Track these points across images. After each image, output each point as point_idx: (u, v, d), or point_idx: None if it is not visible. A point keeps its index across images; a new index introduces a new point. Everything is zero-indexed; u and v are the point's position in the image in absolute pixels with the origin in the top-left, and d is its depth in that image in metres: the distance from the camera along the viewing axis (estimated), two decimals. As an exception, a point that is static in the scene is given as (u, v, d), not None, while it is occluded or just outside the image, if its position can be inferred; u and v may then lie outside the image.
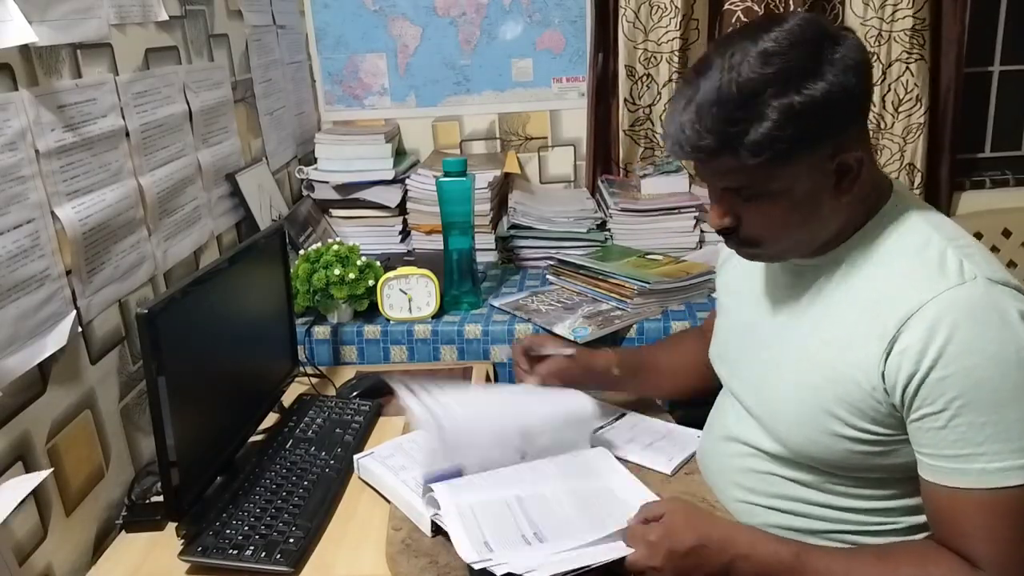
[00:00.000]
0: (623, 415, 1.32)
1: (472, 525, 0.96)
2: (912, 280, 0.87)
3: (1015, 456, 0.81)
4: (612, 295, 1.66)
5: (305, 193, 2.06)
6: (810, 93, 0.82)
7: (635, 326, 1.58)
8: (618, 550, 0.92)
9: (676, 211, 1.96)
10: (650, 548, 0.90)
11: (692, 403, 1.29)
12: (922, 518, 0.95)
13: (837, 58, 0.83)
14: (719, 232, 0.97)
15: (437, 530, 1.03)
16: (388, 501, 1.14)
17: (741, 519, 1.05)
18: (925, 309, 0.84)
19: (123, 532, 1.13)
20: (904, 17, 2.03)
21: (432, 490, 1.02)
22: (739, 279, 1.12)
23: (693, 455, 1.21)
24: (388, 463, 1.16)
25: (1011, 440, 0.81)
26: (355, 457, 1.20)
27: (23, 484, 0.89)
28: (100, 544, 1.12)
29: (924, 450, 0.87)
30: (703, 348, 1.22)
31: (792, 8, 2.07)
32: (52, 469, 1.00)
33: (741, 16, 2.12)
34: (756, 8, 2.10)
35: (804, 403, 0.95)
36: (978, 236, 2.18)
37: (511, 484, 1.05)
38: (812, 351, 0.95)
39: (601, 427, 1.26)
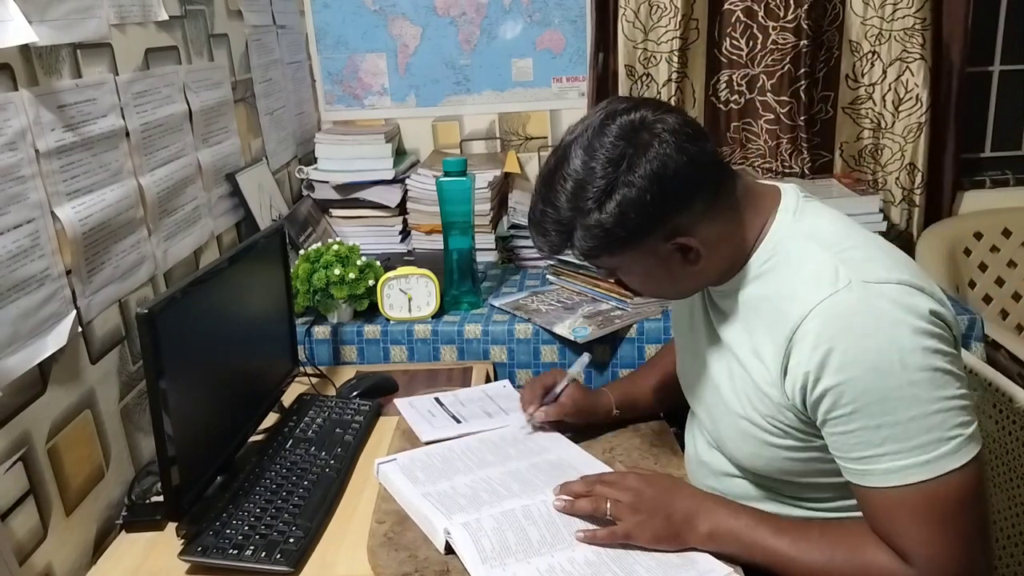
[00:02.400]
0: None
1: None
2: (794, 294, 0.90)
3: (915, 453, 0.83)
4: (612, 295, 1.66)
5: (305, 193, 2.06)
6: (607, 213, 0.89)
7: (635, 326, 1.58)
8: None
9: (676, 211, 1.95)
10: (615, 483, 1.01)
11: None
12: None
13: (629, 179, 0.88)
14: None
15: (450, 549, 1.01)
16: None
17: None
18: (806, 322, 0.87)
19: (123, 532, 1.13)
20: (904, 16, 2.03)
21: (450, 534, 1.00)
22: (681, 304, 1.16)
23: None
24: (408, 473, 1.15)
25: (908, 439, 0.83)
26: (376, 461, 1.19)
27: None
28: (100, 544, 1.12)
29: (836, 454, 0.90)
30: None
31: (793, 9, 2.07)
32: (27, 447, 1.00)
33: (741, 16, 2.12)
34: (756, 7, 2.10)
35: (741, 422, 0.98)
36: (978, 236, 2.19)
37: (550, 546, 1.00)
38: (734, 371, 0.99)
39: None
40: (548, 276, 1.83)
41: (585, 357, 1.31)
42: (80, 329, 1.08)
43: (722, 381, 1.02)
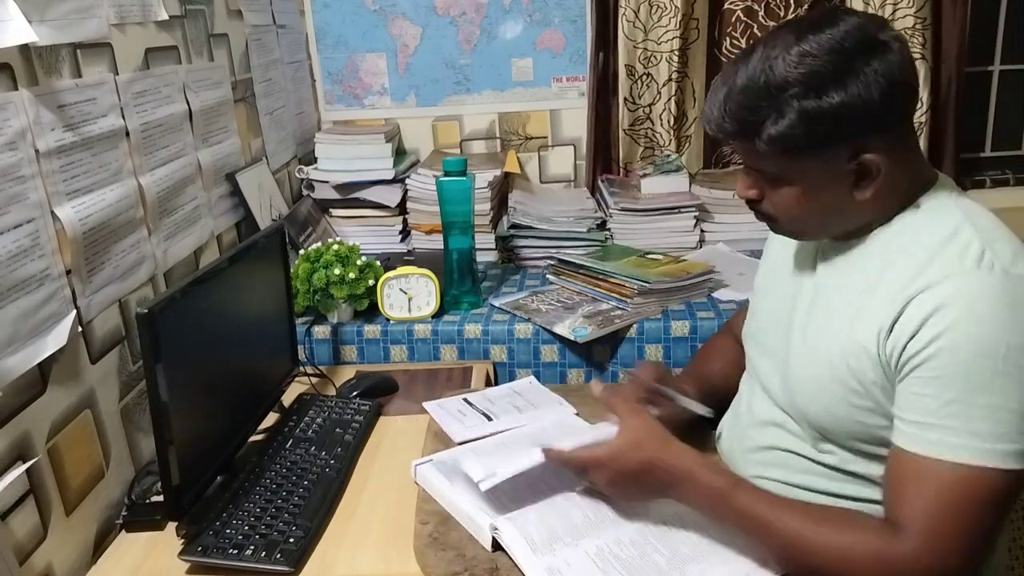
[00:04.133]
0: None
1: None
2: (931, 262, 0.89)
3: (970, 438, 0.83)
4: (612, 295, 1.66)
5: (305, 193, 2.06)
6: (829, 100, 0.85)
7: (635, 326, 1.58)
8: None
9: (676, 211, 1.96)
10: (598, 465, 0.98)
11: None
12: None
13: (867, 71, 0.85)
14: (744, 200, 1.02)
15: (496, 546, 1.01)
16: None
17: None
18: (937, 287, 0.86)
19: (123, 532, 1.13)
20: (904, 16, 2.03)
21: (497, 529, 1.00)
22: (779, 262, 1.14)
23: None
24: (446, 473, 1.14)
25: (971, 422, 0.83)
26: (413, 463, 1.18)
27: (10, 474, 0.90)
28: (100, 544, 1.12)
29: (896, 411, 0.89)
30: (739, 350, 1.22)
31: (793, 8, 2.07)
32: (39, 457, 1.00)
33: (741, 16, 2.12)
34: (756, 7, 2.10)
35: (823, 375, 0.97)
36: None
37: (596, 527, 1.02)
38: (836, 326, 0.97)
39: None
40: (548, 276, 1.83)
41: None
42: (80, 329, 1.08)
43: (813, 331, 1.00)
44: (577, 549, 0.97)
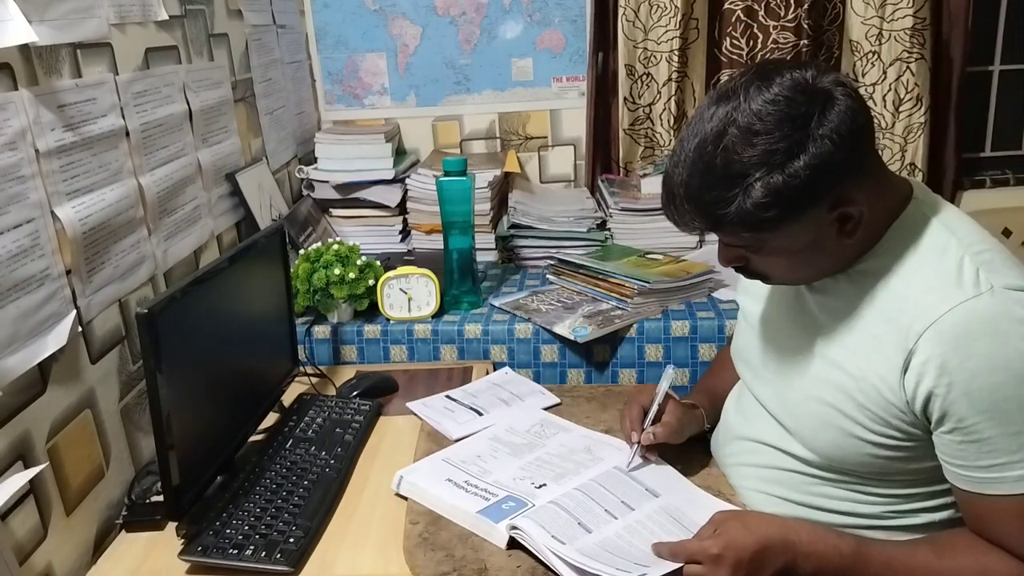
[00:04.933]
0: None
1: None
2: (929, 291, 0.87)
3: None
4: (612, 294, 1.66)
5: (305, 193, 2.06)
6: (794, 171, 0.82)
7: (635, 326, 1.58)
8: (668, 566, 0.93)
9: (676, 211, 1.95)
10: (715, 562, 0.89)
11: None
12: (938, 515, 0.97)
13: (822, 132, 0.82)
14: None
15: (511, 544, 1.01)
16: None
17: (757, 508, 1.06)
18: (941, 321, 0.84)
19: (123, 532, 1.13)
20: (904, 16, 2.03)
21: (519, 528, 1.00)
22: (760, 283, 1.11)
23: None
24: (438, 478, 1.14)
25: (1020, 451, 0.82)
26: (398, 473, 1.16)
27: (19, 478, 0.89)
28: (100, 544, 1.12)
29: (955, 461, 0.87)
30: None
31: (793, 8, 2.07)
32: (47, 463, 1.00)
33: (741, 16, 2.12)
34: (756, 7, 2.10)
35: (827, 409, 0.96)
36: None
37: (603, 517, 1.03)
38: (835, 359, 0.96)
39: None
40: (548, 276, 1.83)
41: (670, 370, 1.19)
42: (80, 329, 1.08)
43: (810, 365, 0.99)
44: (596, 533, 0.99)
